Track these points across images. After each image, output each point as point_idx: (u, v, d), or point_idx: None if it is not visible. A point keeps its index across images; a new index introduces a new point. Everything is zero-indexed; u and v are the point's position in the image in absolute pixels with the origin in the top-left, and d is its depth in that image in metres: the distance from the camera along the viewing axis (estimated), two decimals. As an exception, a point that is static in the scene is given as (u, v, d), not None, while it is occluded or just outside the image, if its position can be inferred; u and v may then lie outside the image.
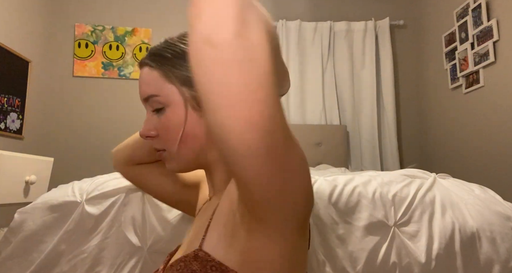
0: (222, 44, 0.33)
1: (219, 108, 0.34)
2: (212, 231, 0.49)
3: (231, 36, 0.33)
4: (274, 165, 0.36)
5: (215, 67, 0.33)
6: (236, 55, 0.33)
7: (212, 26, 0.33)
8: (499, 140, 2.06)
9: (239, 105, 0.33)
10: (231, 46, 0.33)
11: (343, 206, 0.92)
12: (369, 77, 2.91)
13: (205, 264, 0.46)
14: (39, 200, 0.97)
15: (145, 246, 0.92)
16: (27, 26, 2.57)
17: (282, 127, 0.36)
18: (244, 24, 0.34)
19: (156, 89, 0.56)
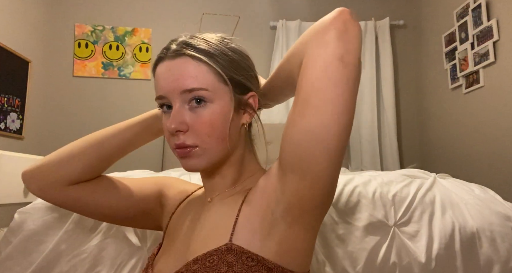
0: (349, 65, 0.46)
1: (325, 112, 0.45)
2: (243, 226, 0.53)
3: (355, 59, 0.47)
4: (340, 164, 0.49)
5: (345, 83, 0.46)
6: (355, 76, 0.47)
7: (346, 49, 0.46)
8: (499, 140, 2.06)
9: (342, 113, 0.46)
10: (354, 67, 0.46)
11: (343, 206, 0.92)
12: (369, 77, 2.91)
13: (240, 256, 0.49)
14: (39, 200, 0.97)
15: (145, 246, 0.92)
16: (27, 26, 2.57)
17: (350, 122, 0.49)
18: (359, 51, 0.49)
19: (205, 83, 0.55)
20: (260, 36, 3.00)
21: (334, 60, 0.45)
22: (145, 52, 2.92)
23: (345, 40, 0.46)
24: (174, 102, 0.57)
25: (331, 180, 0.49)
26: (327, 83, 0.45)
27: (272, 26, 3.00)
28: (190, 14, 2.94)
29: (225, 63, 0.58)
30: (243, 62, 0.62)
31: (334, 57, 0.45)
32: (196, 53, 0.57)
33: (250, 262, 0.49)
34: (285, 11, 3.05)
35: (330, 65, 0.45)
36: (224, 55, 0.59)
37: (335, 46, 0.46)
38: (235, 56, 0.60)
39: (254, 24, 3.01)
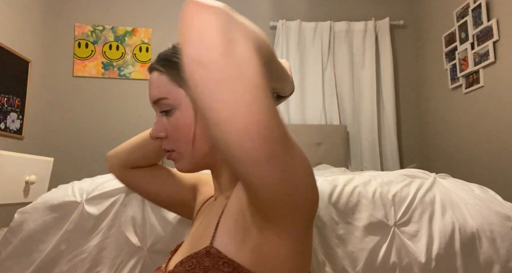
0: (211, 64, 0.36)
1: (218, 123, 0.36)
2: (222, 229, 0.51)
3: (218, 56, 0.36)
4: (276, 170, 0.38)
5: (208, 86, 0.36)
6: (226, 73, 0.36)
7: (200, 49, 0.36)
8: (499, 140, 2.06)
9: (234, 119, 0.36)
10: (219, 65, 0.36)
11: (343, 206, 0.92)
12: (369, 77, 2.91)
13: (217, 261, 0.47)
14: (39, 200, 0.97)
15: (145, 246, 0.92)
16: (27, 26, 2.57)
17: (279, 133, 0.38)
18: (229, 43, 0.36)
19: (165, 92, 0.58)
20: (260, 36, 3.00)
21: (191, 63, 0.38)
22: (145, 52, 2.92)
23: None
24: (156, 112, 0.62)
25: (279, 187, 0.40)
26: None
27: (272, 26, 3.00)
28: (190, 14, 2.94)
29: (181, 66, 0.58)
30: None
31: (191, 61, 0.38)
32: (157, 64, 0.60)
33: (226, 268, 0.46)
34: (285, 11, 3.05)
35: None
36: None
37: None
38: None
39: (254, 24, 3.00)
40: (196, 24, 0.37)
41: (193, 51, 0.37)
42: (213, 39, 0.36)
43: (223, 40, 0.36)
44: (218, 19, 0.37)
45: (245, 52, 0.37)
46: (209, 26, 0.37)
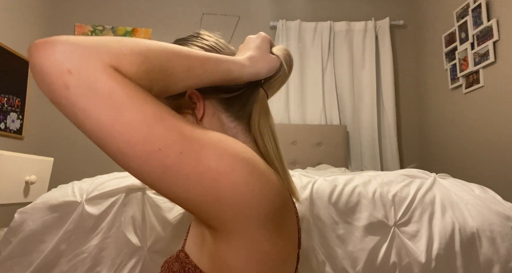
0: (61, 100, 0.35)
1: (99, 145, 0.36)
2: (190, 234, 0.51)
3: (63, 91, 0.34)
4: (178, 180, 0.37)
5: (71, 116, 0.35)
6: (77, 104, 0.34)
7: (46, 89, 0.35)
8: (499, 140, 2.06)
9: (106, 142, 0.35)
10: (68, 99, 0.34)
11: (343, 206, 0.92)
12: (369, 77, 2.91)
13: (183, 266, 0.47)
14: (39, 200, 0.97)
15: (145, 246, 0.92)
16: (27, 26, 2.57)
17: (167, 141, 0.36)
18: (67, 75, 0.34)
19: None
20: (260, 36, 3.00)
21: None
22: (145, 52, 2.92)
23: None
24: None
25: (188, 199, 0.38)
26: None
27: (272, 26, 3.00)
28: (190, 14, 2.94)
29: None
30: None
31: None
32: None
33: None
34: (285, 11, 3.05)
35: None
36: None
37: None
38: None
39: (254, 24, 3.01)
40: (37, 66, 0.35)
41: (44, 93, 0.36)
42: (51, 78, 0.34)
43: (60, 75, 0.34)
44: (52, 55, 0.34)
45: (90, 75, 0.34)
46: (45, 66, 0.34)
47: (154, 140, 0.35)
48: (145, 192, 0.97)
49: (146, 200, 0.96)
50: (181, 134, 0.37)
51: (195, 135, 0.39)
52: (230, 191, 0.39)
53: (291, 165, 2.64)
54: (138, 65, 0.37)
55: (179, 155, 0.36)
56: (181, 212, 0.94)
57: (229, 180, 0.39)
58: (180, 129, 0.38)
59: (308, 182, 0.98)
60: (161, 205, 0.95)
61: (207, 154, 0.38)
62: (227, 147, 0.40)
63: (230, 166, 0.39)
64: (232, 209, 0.39)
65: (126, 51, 0.37)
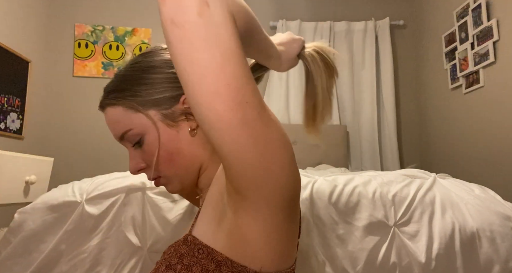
0: (185, 24, 0.36)
1: (191, 84, 0.37)
2: (202, 217, 0.51)
3: (193, 16, 0.36)
4: (248, 137, 0.38)
5: (182, 45, 0.37)
6: (200, 33, 0.36)
7: (175, 9, 0.37)
8: (499, 140, 2.06)
9: (206, 80, 0.36)
10: (193, 25, 0.36)
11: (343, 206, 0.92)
12: (369, 77, 2.91)
13: (192, 248, 0.47)
14: (39, 200, 0.97)
15: (145, 246, 0.92)
16: (27, 26, 2.57)
17: (252, 99, 0.38)
18: (205, 4, 0.36)
19: (127, 124, 0.57)
20: (260, 36, 3.00)
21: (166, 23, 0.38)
22: (145, 52, 2.93)
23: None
24: (127, 148, 0.60)
25: (252, 155, 0.39)
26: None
27: (272, 26, 3.00)
28: (190, 14, 2.95)
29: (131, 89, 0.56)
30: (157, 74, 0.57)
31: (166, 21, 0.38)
32: (107, 100, 0.58)
33: (201, 254, 0.46)
34: (285, 11, 3.05)
35: (164, 31, 0.39)
36: (127, 81, 0.58)
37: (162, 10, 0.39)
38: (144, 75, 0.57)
39: (254, 24, 3.01)
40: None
41: (169, 11, 0.37)
42: (188, 2, 0.36)
43: (199, 2, 0.36)
44: None
45: (221, 14, 0.37)
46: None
47: (247, 93, 0.38)
48: (145, 192, 0.97)
49: (146, 200, 0.96)
50: (260, 98, 0.40)
51: (266, 105, 0.42)
52: (280, 166, 0.41)
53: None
54: (242, 24, 0.42)
55: (257, 115, 0.39)
56: (181, 212, 0.94)
57: (284, 155, 0.41)
58: (260, 95, 0.41)
59: (308, 182, 0.98)
60: (161, 205, 0.95)
61: (273, 125, 0.41)
62: (283, 129, 0.43)
63: (284, 148, 0.42)
64: (274, 183, 0.41)
65: (239, 8, 0.41)
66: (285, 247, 0.46)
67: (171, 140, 0.56)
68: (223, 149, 0.39)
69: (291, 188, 0.44)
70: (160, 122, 0.56)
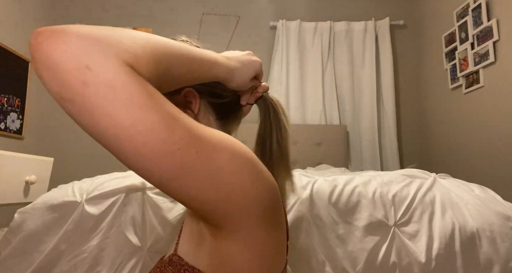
0: (75, 98, 0.32)
1: (111, 150, 0.34)
2: (183, 236, 0.51)
3: (79, 88, 0.32)
4: (195, 181, 0.36)
5: (82, 118, 0.33)
6: (94, 100, 0.32)
7: (58, 86, 0.32)
8: (499, 140, 2.06)
9: (124, 144, 0.33)
10: (83, 97, 0.32)
11: (343, 206, 0.92)
12: (369, 77, 2.91)
13: (179, 268, 0.47)
14: (39, 200, 0.98)
15: (145, 246, 0.92)
16: (27, 26, 2.57)
17: (185, 141, 0.35)
18: (86, 70, 0.32)
19: None
20: (260, 36, 3.00)
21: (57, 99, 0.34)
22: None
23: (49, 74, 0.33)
24: None
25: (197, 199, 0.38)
26: None
27: (272, 26, 3.00)
28: (190, 14, 2.94)
29: None
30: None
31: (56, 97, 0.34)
32: None
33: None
34: (285, 11, 3.05)
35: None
36: None
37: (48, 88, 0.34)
38: None
39: (254, 24, 3.01)
40: (46, 60, 0.32)
41: (53, 89, 0.33)
42: (67, 75, 0.32)
43: (78, 71, 0.32)
44: (67, 48, 0.32)
45: (109, 70, 0.33)
46: (58, 60, 0.32)
47: (174, 140, 0.35)
48: (145, 192, 0.97)
49: (146, 200, 0.96)
50: (195, 133, 0.37)
51: (207, 134, 0.39)
52: (239, 191, 0.39)
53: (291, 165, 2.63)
54: (152, 66, 0.37)
55: (195, 155, 0.36)
56: (181, 212, 0.94)
57: (239, 179, 0.39)
58: (195, 129, 0.37)
59: (308, 182, 0.98)
60: (161, 205, 0.95)
61: (220, 154, 0.38)
62: (236, 147, 0.41)
63: (239, 166, 0.40)
64: (239, 207, 0.40)
65: (141, 51, 0.36)
66: (272, 257, 0.45)
67: None
68: (177, 199, 0.39)
69: (265, 198, 0.42)
70: None
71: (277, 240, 0.46)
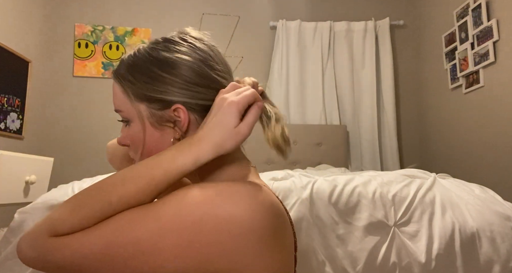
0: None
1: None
2: None
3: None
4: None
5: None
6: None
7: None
8: (499, 140, 2.06)
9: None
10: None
11: (343, 206, 0.92)
12: (369, 77, 2.91)
13: None
14: (39, 200, 0.97)
15: (145, 246, 0.92)
16: (27, 26, 2.57)
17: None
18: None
19: (119, 104, 0.57)
20: (260, 36, 3.00)
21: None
22: (145, 52, 2.92)
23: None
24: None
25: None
26: None
27: (272, 26, 3.00)
28: (190, 14, 2.94)
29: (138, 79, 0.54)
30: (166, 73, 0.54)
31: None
32: (114, 74, 0.58)
33: None
34: (285, 11, 3.05)
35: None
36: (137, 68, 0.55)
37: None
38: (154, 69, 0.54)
39: (254, 24, 3.01)
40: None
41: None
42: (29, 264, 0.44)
43: (29, 263, 0.44)
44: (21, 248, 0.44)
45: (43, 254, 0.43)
46: (22, 259, 0.43)
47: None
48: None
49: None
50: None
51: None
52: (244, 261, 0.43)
53: (291, 165, 2.63)
54: (72, 221, 0.44)
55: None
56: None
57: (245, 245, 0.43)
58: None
59: (308, 182, 0.98)
60: (161, 205, 0.95)
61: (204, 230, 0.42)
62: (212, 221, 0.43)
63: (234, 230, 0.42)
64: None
65: (56, 216, 0.44)
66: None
67: (154, 140, 0.55)
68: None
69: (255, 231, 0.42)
70: (147, 119, 0.55)
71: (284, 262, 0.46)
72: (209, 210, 0.42)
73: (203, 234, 0.41)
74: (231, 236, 0.41)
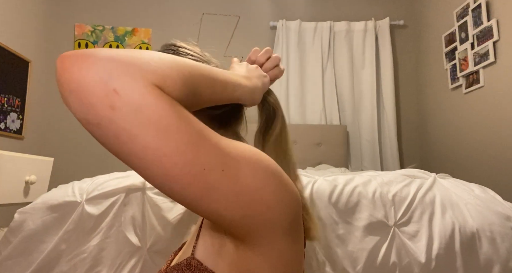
0: (101, 122, 0.32)
1: (140, 172, 0.35)
2: (201, 240, 0.50)
3: (106, 112, 0.32)
4: (221, 201, 0.36)
5: (109, 141, 0.33)
6: (121, 126, 0.32)
7: (84, 110, 0.32)
8: (499, 140, 2.06)
9: (152, 167, 0.33)
10: (110, 121, 0.32)
11: (343, 206, 0.92)
12: (369, 77, 2.91)
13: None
14: (39, 200, 0.98)
15: (145, 246, 0.92)
16: (27, 26, 2.57)
17: (211, 161, 0.35)
18: (113, 94, 0.32)
19: None
20: (260, 36, 3.00)
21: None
22: (145, 52, 2.92)
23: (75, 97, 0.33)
24: None
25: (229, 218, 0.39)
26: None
27: (272, 26, 3.00)
28: (190, 14, 2.94)
29: None
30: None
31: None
32: None
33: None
34: (285, 11, 3.05)
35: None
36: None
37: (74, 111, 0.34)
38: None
39: (254, 24, 3.01)
40: (72, 84, 0.32)
41: (79, 113, 0.33)
42: (94, 99, 0.31)
43: (105, 95, 0.31)
44: (95, 72, 0.32)
45: (136, 94, 0.32)
46: (86, 84, 0.32)
47: (200, 161, 0.35)
48: (145, 192, 0.97)
49: (146, 200, 0.96)
50: (221, 151, 0.37)
51: (230, 150, 0.38)
52: (264, 206, 0.39)
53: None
54: (180, 86, 0.36)
55: (221, 174, 0.36)
56: (181, 212, 0.94)
57: (263, 196, 0.39)
58: (219, 146, 0.37)
59: (308, 182, 0.98)
60: (161, 205, 0.95)
61: (244, 171, 0.38)
62: (258, 160, 0.41)
63: (264, 181, 0.40)
64: (264, 222, 0.40)
65: (169, 72, 0.36)
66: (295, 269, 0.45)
67: None
68: (206, 218, 0.39)
69: (290, 212, 0.42)
70: None
71: (299, 251, 0.46)
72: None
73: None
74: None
